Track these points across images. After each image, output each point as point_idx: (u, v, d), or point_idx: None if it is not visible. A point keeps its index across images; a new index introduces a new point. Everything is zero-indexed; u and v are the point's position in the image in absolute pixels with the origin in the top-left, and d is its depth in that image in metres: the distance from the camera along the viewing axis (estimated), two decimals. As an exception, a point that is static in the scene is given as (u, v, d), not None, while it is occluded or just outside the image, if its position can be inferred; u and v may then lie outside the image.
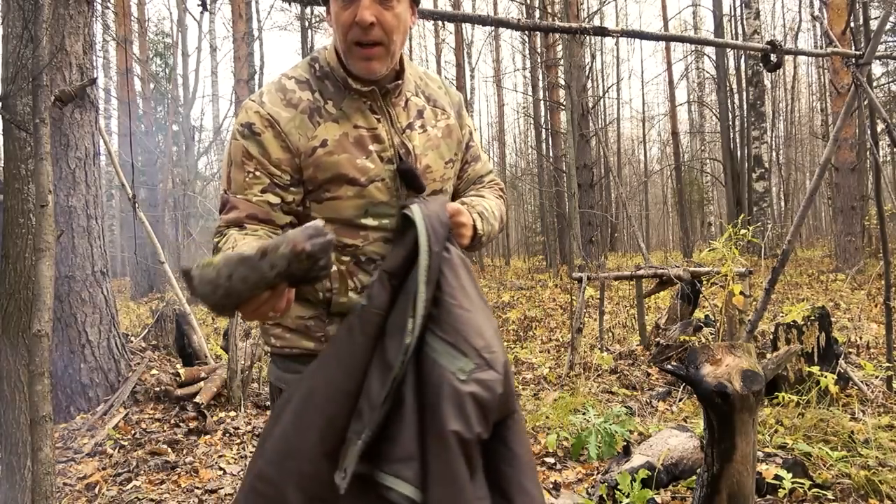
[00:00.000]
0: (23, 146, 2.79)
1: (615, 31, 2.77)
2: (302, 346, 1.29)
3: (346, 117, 1.26)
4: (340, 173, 1.23)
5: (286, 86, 1.27)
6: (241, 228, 1.21)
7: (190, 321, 4.80)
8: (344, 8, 1.20)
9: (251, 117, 1.24)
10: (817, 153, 21.76)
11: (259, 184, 1.22)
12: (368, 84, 1.26)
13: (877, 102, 3.69)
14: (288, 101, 1.25)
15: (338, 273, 1.26)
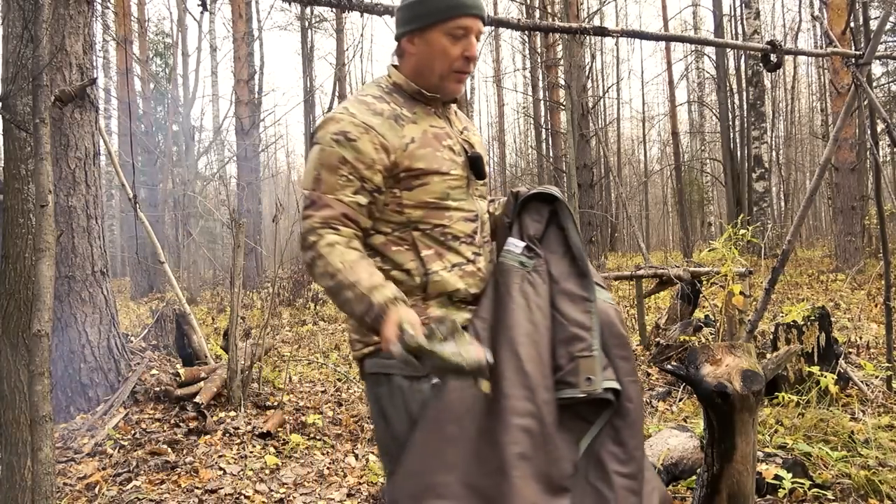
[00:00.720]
0: (23, 146, 2.79)
1: (615, 31, 2.77)
2: None
3: (421, 119, 1.51)
4: (430, 163, 1.47)
5: (366, 100, 1.48)
6: (334, 228, 1.39)
7: (190, 321, 4.80)
8: (454, 43, 1.48)
9: (346, 126, 1.42)
10: (817, 153, 21.75)
11: (351, 186, 1.41)
12: (435, 93, 1.53)
13: (877, 102, 3.69)
14: (373, 111, 1.45)
15: (434, 255, 1.47)
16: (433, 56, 1.49)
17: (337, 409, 4.23)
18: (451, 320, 1.26)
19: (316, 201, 1.40)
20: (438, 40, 1.48)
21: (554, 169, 17.33)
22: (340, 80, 20.04)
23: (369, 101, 1.48)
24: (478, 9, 1.49)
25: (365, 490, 3.03)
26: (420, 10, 1.49)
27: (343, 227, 1.39)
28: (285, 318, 8.97)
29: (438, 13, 1.47)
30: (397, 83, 1.54)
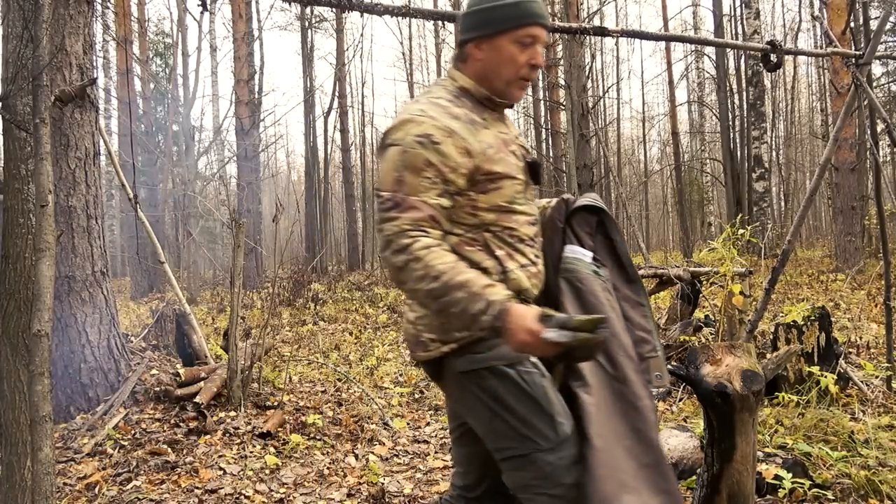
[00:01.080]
0: (23, 146, 2.79)
1: (615, 31, 2.77)
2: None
3: (491, 125, 1.55)
4: (504, 167, 1.51)
5: (440, 103, 1.50)
6: (424, 231, 1.39)
7: (190, 321, 4.80)
8: (522, 50, 1.52)
9: (428, 129, 1.43)
10: (817, 153, 21.75)
11: (435, 189, 1.42)
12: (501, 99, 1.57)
13: (877, 102, 3.69)
14: (450, 114, 1.47)
15: (506, 255, 1.52)
16: (501, 62, 1.53)
17: (337, 409, 4.23)
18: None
19: (400, 203, 1.39)
20: (507, 47, 1.52)
21: (554, 169, 17.34)
22: (340, 80, 20.03)
23: (444, 104, 1.50)
24: (546, 18, 1.54)
25: (365, 490, 3.03)
26: (490, 17, 1.51)
27: (431, 230, 1.40)
28: (285, 318, 8.97)
29: (509, 21, 1.50)
30: (465, 88, 1.57)
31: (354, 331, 7.88)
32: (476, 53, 1.55)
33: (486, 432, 1.52)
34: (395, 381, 5.27)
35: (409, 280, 1.37)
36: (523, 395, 1.46)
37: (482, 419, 1.51)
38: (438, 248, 1.37)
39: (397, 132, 1.44)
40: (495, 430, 1.50)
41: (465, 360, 1.48)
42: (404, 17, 3.31)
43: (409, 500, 2.96)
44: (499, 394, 1.46)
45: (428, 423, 4.13)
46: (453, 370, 1.50)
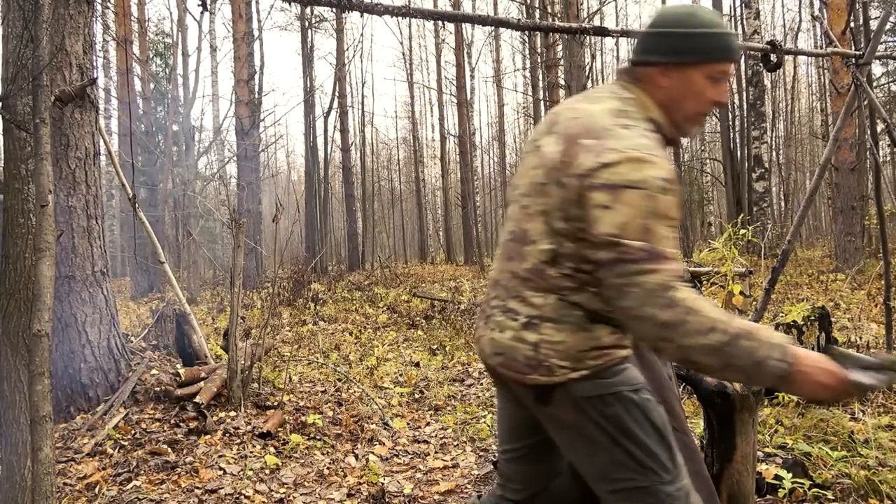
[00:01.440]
0: (23, 146, 2.79)
1: (615, 31, 2.77)
2: (619, 355, 1.43)
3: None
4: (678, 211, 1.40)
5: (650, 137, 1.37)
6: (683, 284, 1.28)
7: (190, 321, 4.80)
8: (714, 85, 1.42)
9: (665, 172, 1.30)
10: (817, 153, 21.75)
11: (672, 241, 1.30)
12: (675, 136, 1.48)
13: (877, 102, 3.69)
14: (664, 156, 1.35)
15: None
16: (687, 95, 1.42)
17: (337, 409, 4.23)
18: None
19: (656, 254, 1.26)
20: (698, 80, 1.42)
21: (554, 169, 17.29)
22: (340, 80, 20.04)
23: (651, 137, 1.38)
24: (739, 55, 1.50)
25: (365, 490, 3.03)
26: (688, 46, 1.40)
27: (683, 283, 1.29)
28: (285, 318, 8.97)
29: (709, 54, 1.41)
30: (655, 121, 1.44)
31: (354, 331, 7.89)
32: (661, 80, 1.43)
33: (598, 461, 1.43)
34: (395, 381, 5.27)
35: (681, 336, 1.24)
36: (647, 422, 1.40)
37: (599, 447, 1.41)
38: (702, 300, 1.26)
39: (635, 173, 1.28)
40: (614, 460, 1.40)
41: (591, 384, 1.39)
42: (404, 17, 3.31)
43: (409, 500, 2.96)
44: (624, 421, 1.39)
45: (428, 423, 4.13)
46: (574, 395, 1.40)
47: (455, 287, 12.38)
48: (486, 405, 4.46)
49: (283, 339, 7.41)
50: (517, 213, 1.49)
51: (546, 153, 1.43)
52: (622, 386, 1.40)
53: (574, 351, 1.39)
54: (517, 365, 1.43)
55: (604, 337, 1.40)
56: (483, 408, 4.40)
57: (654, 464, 1.39)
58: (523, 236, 1.45)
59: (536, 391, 1.43)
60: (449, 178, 28.02)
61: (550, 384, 1.40)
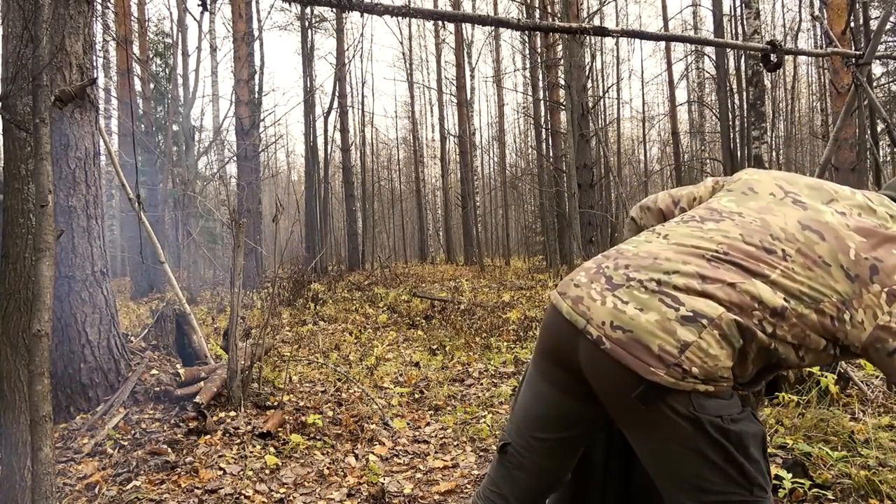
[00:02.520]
0: (23, 146, 2.80)
1: (615, 31, 2.77)
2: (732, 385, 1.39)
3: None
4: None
5: None
6: None
7: (190, 321, 4.80)
8: None
9: None
10: (817, 153, 21.75)
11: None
12: None
13: (877, 102, 3.69)
14: None
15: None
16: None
17: (337, 409, 4.23)
18: None
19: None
20: None
21: (554, 169, 17.34)
22: (340, 80, 20.04)
23: None
24: None
25: (365, 490, 3.03)
26: None
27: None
28: (285, 318, 8.98)
29: None
30: None
31: (354, 331, 7.89)
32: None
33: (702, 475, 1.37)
34: (395, 381, 5.27)
35: None
36: (762, 441, 1.42)
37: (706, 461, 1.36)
38: None
39: None
40: (724, 474, 1.36)
41: (713, 403, 1.33)
42: (404, 17, 3.31)
43: (409, 500, 2.96)
44: (743, 438, 1.37)
45: (428, 423, 4.13)
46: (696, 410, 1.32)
47: (455, 287, 12.39)
48: (486, 405, 4.46)
49: (283, 339, 7.41)
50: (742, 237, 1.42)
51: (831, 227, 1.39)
52: (736, 408, 1.39)
53: (718, 371, 1.31)
54: (643, 352, 1.29)
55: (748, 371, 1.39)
56: (483, 408, 4.40)
57: (762, 479, 1.39)
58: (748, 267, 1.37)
59: (647, 388, 1.30)
60: (449, 178, 28.03)
61: (670, 387, 1.29)
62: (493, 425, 3.95)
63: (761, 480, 1.39)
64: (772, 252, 1.37)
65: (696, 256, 1.39)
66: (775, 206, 1.45)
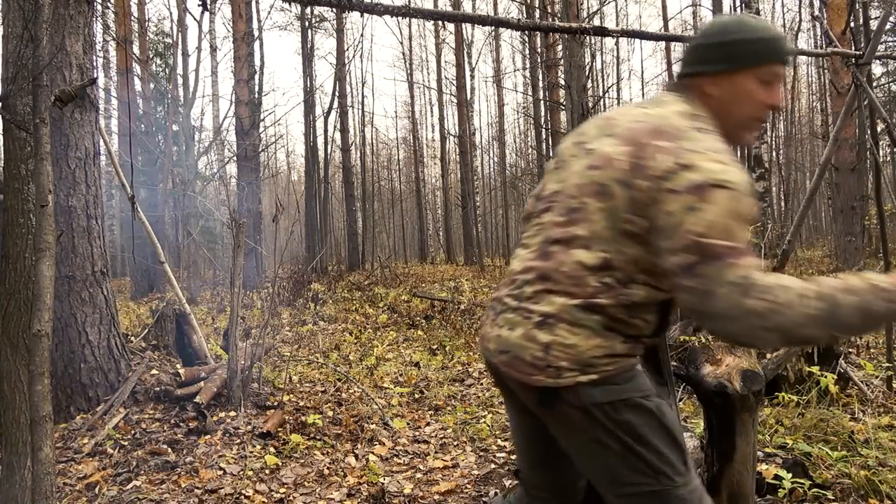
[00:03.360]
0: (23, 146, 2.79)
1: (615, 31, 2.77)
2: (629, 363, 1.41)
3: None
4: None
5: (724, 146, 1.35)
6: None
7: (190, 321, 4.80)
8: (766, 88, 1.40)
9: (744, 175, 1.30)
10: (817, 153, 21.76)
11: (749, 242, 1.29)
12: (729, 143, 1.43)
13: (877, 102, 3.69)
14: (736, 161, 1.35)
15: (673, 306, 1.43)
16: (739, 101, 1.41)
17: (337, 409, 4.23)
18: None
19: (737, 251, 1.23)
20: (747, 85, 1.40)
21: (554, 169, 17.30)
22: (340, 80, 20.04)
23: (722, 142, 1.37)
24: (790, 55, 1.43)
25: (365, 490, 3.03)
26: (736, 52, 1.39)
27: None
28: (285, 318, 8.97)
29: (757, 57, 1.39)
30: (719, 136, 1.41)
31: (354, 331, 7.89)
32: (711, 90, 1.42)
33: (608, 466, 1.41)
34: (395, 381, 5.27)
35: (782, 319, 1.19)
36: (660, 427, 1.39)
37: (610, 452, 1.40)
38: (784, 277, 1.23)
39: (720, 174, 1.27)
40: (627, 465, 1.39)
41: (601, 390, 1.37)
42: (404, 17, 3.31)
43: (409, 500, 2.96)
44: (635, 426, 1.37)
45: (428, 423, 4.13)
46: (584, 400, 1.37)
47: (455, 287, 12.39)
48: (486, 405, 4.46)
49: (283, 339, 7.41)
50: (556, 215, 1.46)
51: (606, 154, 1.39)
52: (633, 392, 1.39)
53: (586, 356, 1.36)
54: (522, 365, 1.40)
55: (617, 345, 1.38)
56: (483, 408, 4.40)
57: (668, 468, 1.38)
58: (564, 238, 1.41)
59: (541, 394, 1.40)
60: (449, 178, 28.02)
61: (556, 387, 1.37)
62: (493, 425, 3.95)
63: (667, 469, 1.38)
64: (575, 211, 1.41)
65: (534, 257, 1.47)
66: (573, 165, 1.49)
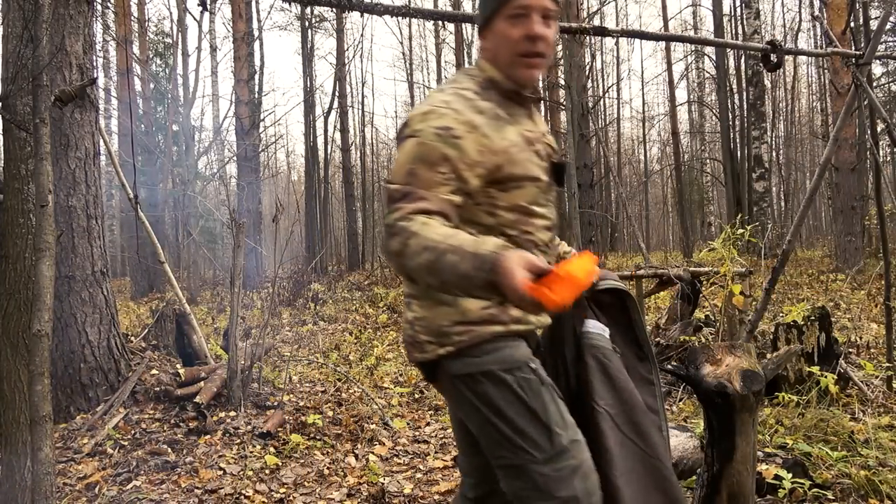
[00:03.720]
0: (23, 146, 2.79)
1: (615, 31, 2.77)
2: (492, 331, 1.41)
3: (516, 122, 1.46)
4: (526, 168, 1.43)
5: (467, 95, 1.42)
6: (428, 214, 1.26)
7: (190, 321, 4.80)
8: (514, 25, 1.40)
9: (449, 122, 1.34)
10: (817, 153, 21.75)
11: (448, 186, 1.31)
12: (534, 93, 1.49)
13: (877, 102, 3.69)
14: (475, 108, 1.40)
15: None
16: (500, 47, 1.44)
17: (337, 409, 4.23)
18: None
19: (409, 194, 1.28)
20: (501, 28, 1.43)
21: (554, 169, 17.29)
22: (340, 80, 20.03)
23: (470, 96, 1.42)
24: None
25: (365, 490, 3.03)
26: (482, 5, 1.47)
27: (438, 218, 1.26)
28: (285, 318, 8.97)
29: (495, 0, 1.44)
30: (493, 79, 1.47)
31: (354, 331, 7.88)
32: (485, 45, 1.49)
33: (481, 437, 1.48)
34: (395, 381, 5.27)
35: (405, 259, 1.23)
36: (519, 402, 1.39)
37: (476, 424, 1.46)
38: (437, 224, 1.24)
39: (417, 123, 1.35)
40: (489, 437, 1.44)
41: (461, 363, 1.41)
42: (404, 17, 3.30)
43: (409, 500, 2.96)
44: (493, 400, 1.39)
45: (428, 423, 4.13)
46: (448, 372, 1.43)
47: (455, 287, 12.36)
48: (486, 405, 4.46)
49: (283, 339, 7.41)
50: None
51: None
52: (493, 365, 1.39)
53: (436, 326, 1.41)
54: (407, 346, 1.51)
55: (470, 312, 1.39)
56: (483, 408, 4.39)
57: (526, 443, 1.38)
58: None
59: (423, 370, 1.50)
60: (449, 178, 27.92)
61: (425, 361, 1.45)
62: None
63: (526, 445, 1.39)
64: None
65: None
66: None
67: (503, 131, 1.41)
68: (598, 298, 1.72)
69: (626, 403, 1.58)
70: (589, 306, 1.70)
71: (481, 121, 1.38)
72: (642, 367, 1.72)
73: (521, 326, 1.45)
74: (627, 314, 1.75)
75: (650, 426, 1.58)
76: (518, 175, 1.41)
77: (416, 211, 1.25)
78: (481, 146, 1.36)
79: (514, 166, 1.41)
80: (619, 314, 1.74)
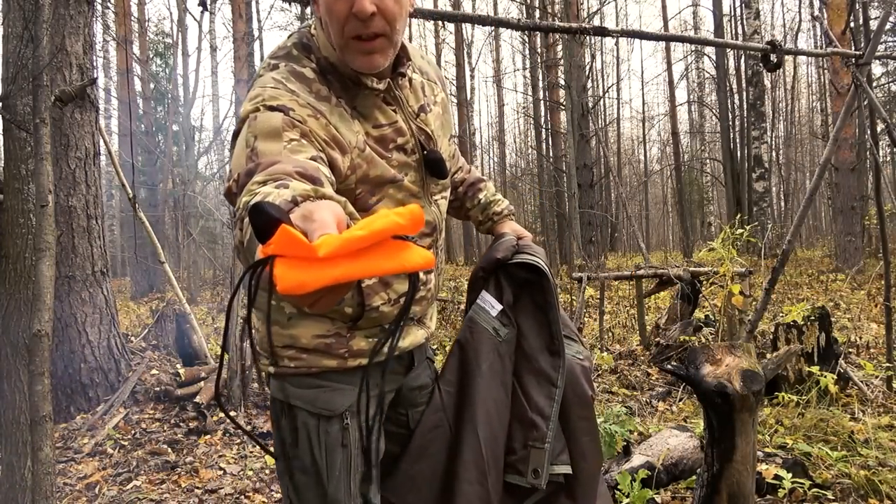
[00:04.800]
0: (23, 146, 2.80)
1: (615, 31, 2.77)
2: (321, 364, 1.21)
3: (365, 116, 1.15)
4: (383, 171, 1.15)
5: (305, 74, 1.11)
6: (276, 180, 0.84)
7: (190, 321, 4.80)
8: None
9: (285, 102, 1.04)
10: (817, 153, 21.76)
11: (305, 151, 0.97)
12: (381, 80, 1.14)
13: (877, 102, 3.69)
14: (316, 93, 1.10)
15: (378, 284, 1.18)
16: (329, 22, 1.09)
17: (337, 409, 4.23)
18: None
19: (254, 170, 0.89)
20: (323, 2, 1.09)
21: (554, 169, 17.34)
22: (340, 80, 20.04)
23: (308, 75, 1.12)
24: None
25: (365, 490, 3.03)
26: None
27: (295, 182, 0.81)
28: (285, 318, 8.96)
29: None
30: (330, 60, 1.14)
31: (354, 331, 7.87)
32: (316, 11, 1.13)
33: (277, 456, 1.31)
34: (395, 381, 5.26)
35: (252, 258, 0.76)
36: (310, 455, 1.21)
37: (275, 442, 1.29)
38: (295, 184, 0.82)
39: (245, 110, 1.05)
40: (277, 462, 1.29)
41: (278, 383, 1.23)
42: (404, 17, 3.27)
43: (409, 500, 2.96)
44: (285, 436, 1.23)
45: (428, 423, 4.13)
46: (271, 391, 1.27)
47: (455, 287, 12.38)
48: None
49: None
50: None
51: None
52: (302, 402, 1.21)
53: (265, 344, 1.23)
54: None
55: (301, 338, 1.20)
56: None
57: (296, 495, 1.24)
58: None
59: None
60: (449, 178, 27.94)
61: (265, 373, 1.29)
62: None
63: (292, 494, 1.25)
64: None
65: None
66: None
67: (352, 124, 1.12)
68: (512, 272, 1.47)
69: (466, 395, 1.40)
70: (497, 278, 1.48)
71: (326, 108, 1.09)
72: (547, 362, 1.45)
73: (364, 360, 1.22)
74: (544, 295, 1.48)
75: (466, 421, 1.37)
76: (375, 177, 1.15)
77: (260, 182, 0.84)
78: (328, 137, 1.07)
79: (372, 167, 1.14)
80: (537, 294, 1.48)
